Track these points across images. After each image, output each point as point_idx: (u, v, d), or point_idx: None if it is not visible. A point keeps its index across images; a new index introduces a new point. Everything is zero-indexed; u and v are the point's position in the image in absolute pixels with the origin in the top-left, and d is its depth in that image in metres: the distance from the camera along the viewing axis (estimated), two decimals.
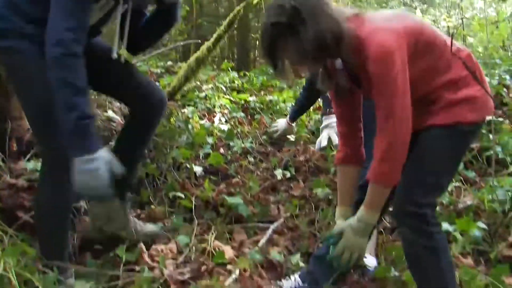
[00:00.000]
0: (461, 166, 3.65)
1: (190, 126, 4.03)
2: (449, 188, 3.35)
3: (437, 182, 1.85)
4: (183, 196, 3.10)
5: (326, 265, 2.12)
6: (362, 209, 1.85)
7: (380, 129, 1.77)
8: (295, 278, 2.21)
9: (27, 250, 1.84)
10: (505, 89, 5.11)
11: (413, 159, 1.82)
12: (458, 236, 2.61)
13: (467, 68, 1.72)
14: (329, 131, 3.00)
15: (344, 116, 2.07)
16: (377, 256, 2.57)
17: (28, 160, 3.21)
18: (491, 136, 3.81)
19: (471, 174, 3.64)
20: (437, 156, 1.84)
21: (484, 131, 4.00)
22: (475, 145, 3.95)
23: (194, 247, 2.51)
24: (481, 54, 9.00)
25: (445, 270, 1.83)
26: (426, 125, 1.86)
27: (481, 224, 2.66)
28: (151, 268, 2.14)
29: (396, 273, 2.26)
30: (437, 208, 3.00)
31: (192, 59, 4.71)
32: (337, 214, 2.08)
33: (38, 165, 3.12)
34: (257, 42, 11.45)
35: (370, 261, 2.46)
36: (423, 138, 1.85)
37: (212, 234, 2.72)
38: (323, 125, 2.82)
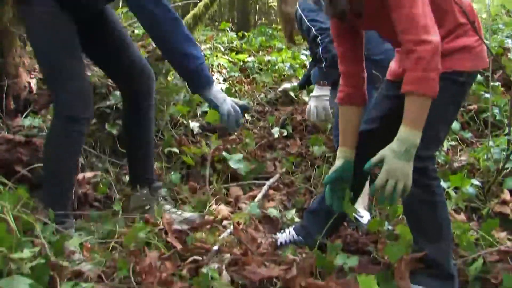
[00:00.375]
0: (458, 126, 3.65)
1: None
2: (445, 147, 3.37)
3: (436, 134, 1.84)
4: (177, 151, 3.10)
5: (319, 219, 2.15)
6: (402, 129, 1.67)
7: (405, 40, 1.66)
8: (290, 231, 2.24)
9: (24, 195, 1.83)
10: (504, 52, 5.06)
11: None
12: (452, 193, 2.64)
13: (467, 18, 1.68)
14: (317, 103, 3.00)
15: (346, 55, 2.02)
16: (370, 211, 2.60)
17: (25, 117, 3.21)
18: (488, 96, 3.82)
19: (468, 134, 3.65)
20: (436, 108, 1.76)
21: (482, 92, 4.00)
22: (472, 106, 3.95)
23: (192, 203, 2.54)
24: (484, 20, 8.87)
25: (443, 225, 1.85)
26: None
27: (475, 181, 2.68)
28: (148, 220, 2.16)
29: (390, 227, 2.29)
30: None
31: (189, 15, 4.64)
32: (338, 155, 2.04)
33: (36, 121, 3.13)
34: (257, 6, 11.30)
35: (363, 215, 2.48)
36: None
37: (209, 190, 2.76)
38: (313, 94, 2.82)
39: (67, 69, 2.05)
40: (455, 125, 3.60)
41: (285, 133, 3.85)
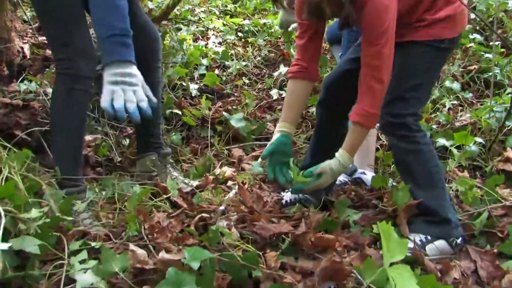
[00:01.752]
0: (458, 87, 3.61)
1: (184, 47, 3.92)
2: (446, 107, 3.35)
3: (416, 96, 1.91)
4: (180, 112, 3.06)
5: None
6: (343, 153, 1.87)
7: (367, 74, 1.80)
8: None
9: (30, 156, 1.79)
10: (503, 13, 4.99)
11: (393, 76, 1.84)
12: (455, 151, 2.62)
13: None
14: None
15: (309, 29, 1.98)
16: (376, 171, 2.59)
17: (21, 81, 3.13)
18: (488, 56, 3.77)
19: (468, 95, 3.62)
20: (415, 72, 1.90)
21: (482, 52, 3.95)
22: (473, 67, 3.91)
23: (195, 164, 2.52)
24: None
25: (432, 172, 1.90)
26: (404, 40, 1.89)
27: (478, 139, 2.66)
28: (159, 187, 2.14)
29: (394, 183, 2.28)
30: (434, 126, 3.01)
31: None
32: (276, 130, 2.02)
33: (32, 86, 3.05)
34: None
35: (369, 177, 2.48)
36: (401, 55, 1.87)
37: (211, 151, 2.73)
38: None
39: (69, 27, 1.99)
40: (456, 86, 3.56)
41: (284, 95, 3.80)
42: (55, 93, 2.08)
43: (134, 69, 1.71)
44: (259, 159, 2.66)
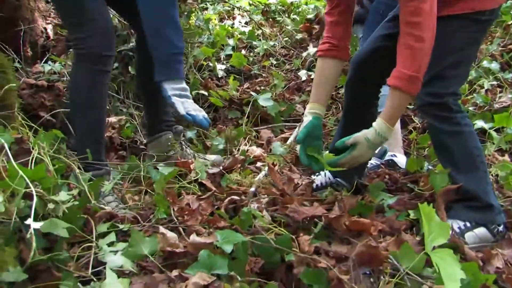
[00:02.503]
0: (497, 67, 3.50)
1: (210, 26, 3.90)
2: (484, 88, 3.25)
3: (455, 74, 1.83)
4: (206, 93, 3.04)
5: None
6: (381, 122, 1.73)
7: (406, 33, 1.68)
8: (326, 173, 2.19)
9: (59, 136, 1.79)
10: None
11: (432, 53, 1.75)
12: (494, 134, 2.55)
13: None
14: None
15: (339, 5, 1.93)
16: (407, 154, 2.53)
17: (45, 62, 3.15)
18: None
19: (508, 75, 3.50)
20: (454, 48, 1.80)
21: None
22: None
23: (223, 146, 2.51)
24: None
25: (473, 153, 1.82)
26: (441, 15, 1.77)
27: None
28: (180, 165, 2.13)
29: (430, 167, 2.23)
30: (470, 108, 2.93)
31: None
32: (307, 111, 1.95)
33: (56, 66, 3.07)
34: None
35: (400, 159, 2.43)
36: (439, 31, 1.77)
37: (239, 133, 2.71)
38: None
39: (89, 7, 1.98)
40: (495, 66, 3.45)
41: (313, 75, 3.75)
42: (74, 73, 2.07)
43: (185, 84, 1.99)
44: (289, 141, 2.64)
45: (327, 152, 2.06)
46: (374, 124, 1.75)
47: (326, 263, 1.37)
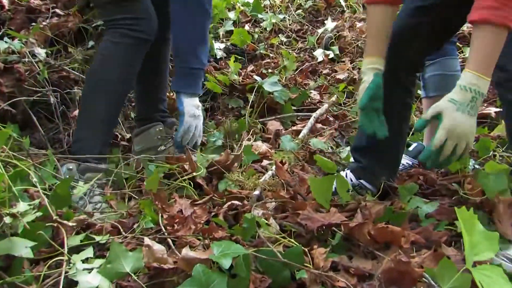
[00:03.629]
0: None
1: None
2: None
3: None
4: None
5: (374, 156, 2.09)
6: (466, 73, 1.61)
7: None
8: (346, 173, 2.18)
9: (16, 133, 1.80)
10: None
11: None
12: None
13: None
14: None
15: None
16: None
17: (0, 38, 3.10)
18: None
19: None
20: None
21: None
22: None
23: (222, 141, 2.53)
24: None
25: None
26: None
27: None
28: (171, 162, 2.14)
29: (477, 166, 2.21)
30: None
31: None
32: (365, 68, 1.91)
33: (15, 44, 3.00)
34: None
35: None
36: None
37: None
38: None
39: None
40: None
41: (331, 55, 3.75)
42: (109, 48, 2.19)
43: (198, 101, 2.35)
44: (301, 135, 2.63)
45: (350, 149, 2.06)
46: (457, 82, 1.64)
47: (346, 282, 1.36)
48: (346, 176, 2.18)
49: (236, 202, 1.77)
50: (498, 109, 2.82)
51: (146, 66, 2.35)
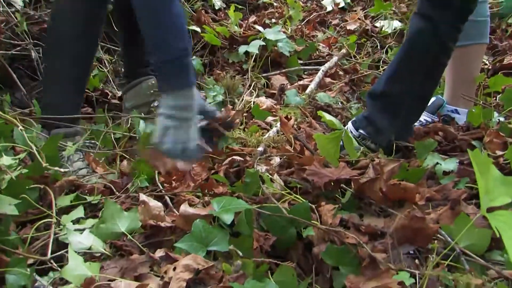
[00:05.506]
0: None
1: None
2: None
3: None
4: (199, 30, 3.05)
5: (388, 105, 2.12)
6: None
7: None
8: (348, 127, 2.20)
9: None
10: None
11: None
12: None
13: None
14: None
15: None
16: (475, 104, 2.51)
17: None
18: None
19: None
20: None
21: None
22: None
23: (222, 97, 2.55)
24: None
25: None
26: None
27: None
28: None
29: (501, 118, 2.23)
30: None
31: None
32: None
33: None
34: None
35: (463, 117, 2.41)
36: None
37: (244, 81, 2.73)
38: None
39: None
40: None
41: (342, 4, 3.75)
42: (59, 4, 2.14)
43: (191, 95, 1.82)
44: (309, 90, 2.65)
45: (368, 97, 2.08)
46: None
47: (356, 238, 1.39)
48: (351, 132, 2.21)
49: (238, 157, 1.81)
50: None
51: (126, 12, 2.29)
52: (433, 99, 2.46)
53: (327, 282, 1.36)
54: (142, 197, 1.48)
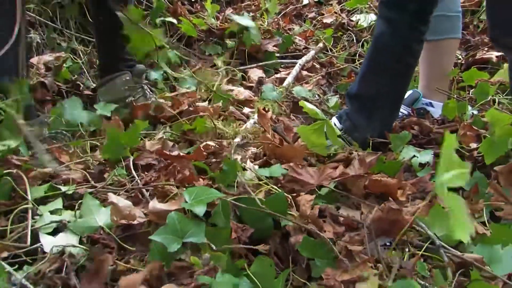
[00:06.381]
0: None
1: None
2: None
3: None
4: (175, 21, 3.03)
5: (365, 107, 2.14)
6: None
7: None
8: (334, 122, 2.21)
9: None
10: None
11: None
12: None
13: None
14: None
15: None
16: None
17: None
18: None
19: None
20: None
21: None
22: None
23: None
24: None
25: None
26: None
27: None
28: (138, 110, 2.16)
29: (475, 111, 2.26)
30: None
31: None
32: None
33: None
34: None
35: (438, 110, 2.43)
36: None
37: (219, 74, 2.72)
38: None
39: None
40: None
41: None
42: None
43: None
44: (286, 83, 2.65)
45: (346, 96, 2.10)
46: None
47: (333, 231, 1.39)
48: (334, 124, 2.22)
49: (212, 143, 1.82)
50: (499, 54, 2.86)
51: (103, 12, 2.30)
52: (409, 92, 2.48)
53: (304, 272, 1.36)
54: (111, 197, 1.45)
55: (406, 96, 2.46)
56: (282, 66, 3.02)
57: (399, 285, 1.16)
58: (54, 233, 1.39)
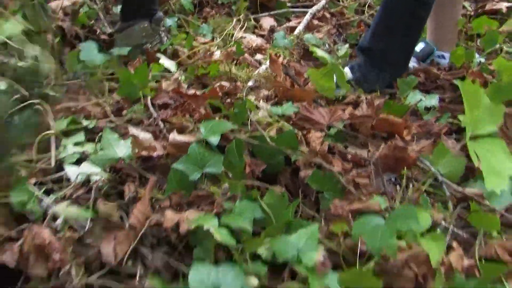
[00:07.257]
0: None
1: None
2: None
3: None
4: None
5: (375, 60, 2.18)
6: None
7: None
8: (345, 70, 2.25)
9: None
10: None
11: None
12: None
13: None
14: None
15: None
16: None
17: None
18: None
19: None
20: None
21: None
22: None
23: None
24: None
25: None
26: None
27: None
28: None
29: (482, 59, 2.29)
30: None
31: None
32: None
33: None
34: None
35: (446, 56, 2.45)
36: None
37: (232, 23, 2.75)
38: None
39: None
40: None
41: None
42: None
43: None
44: (297, 31, 2.68)
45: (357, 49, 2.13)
46: None
47: (341, 166, 1.45)
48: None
49: (226, 83, 1.86)
50: (509, 4, 2.88)
51: None
52: (421, 45, 2.49)
53: (313, 205, 1.43)
54: (132, 130, 1.52)
55: (418, 49, 2.48)
56: (293, 15, 3.05)
57: (401, 210, 1.21)
58: (77, 163, 1.46)
